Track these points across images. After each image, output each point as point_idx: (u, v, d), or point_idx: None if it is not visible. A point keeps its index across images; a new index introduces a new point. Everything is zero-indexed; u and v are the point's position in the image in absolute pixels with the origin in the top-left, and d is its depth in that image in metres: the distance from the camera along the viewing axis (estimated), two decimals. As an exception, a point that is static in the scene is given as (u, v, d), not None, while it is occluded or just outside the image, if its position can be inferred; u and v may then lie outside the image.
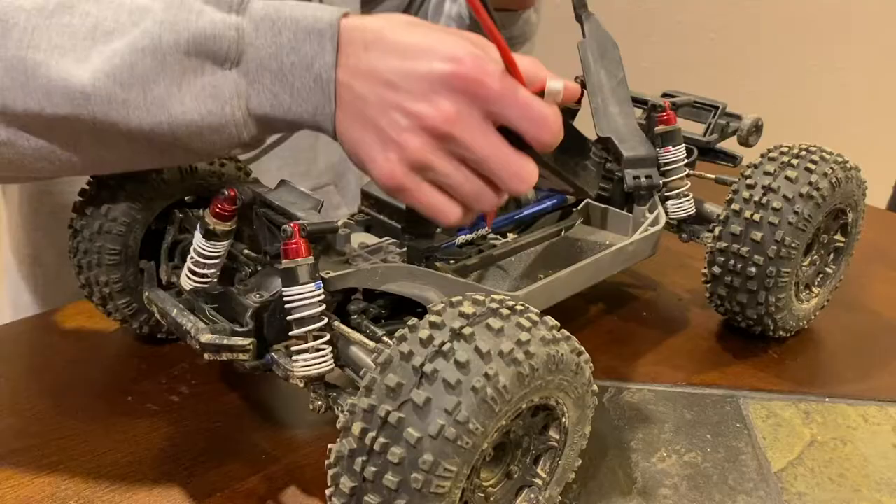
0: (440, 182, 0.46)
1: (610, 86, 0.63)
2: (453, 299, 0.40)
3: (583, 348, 0.42)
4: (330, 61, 0.46)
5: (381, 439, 0.36)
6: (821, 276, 0.67)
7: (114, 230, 0.54)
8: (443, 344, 0.37)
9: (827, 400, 0.61)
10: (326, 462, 0.38)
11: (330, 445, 0.38)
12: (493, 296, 0.41)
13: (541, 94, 0.45)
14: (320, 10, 0.47)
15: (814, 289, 0.67)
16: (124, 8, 0.46)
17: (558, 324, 0.41)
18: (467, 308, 0.39)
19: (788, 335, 0.66)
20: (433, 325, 0.38)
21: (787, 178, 0.59)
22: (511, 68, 0.44)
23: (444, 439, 0.35)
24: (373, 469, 0.36)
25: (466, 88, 0.44)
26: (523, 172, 0.46)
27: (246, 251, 0.50)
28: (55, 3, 0.45)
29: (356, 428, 0.37)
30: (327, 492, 0.38)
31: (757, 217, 0.59)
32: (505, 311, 0.39)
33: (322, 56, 0.46)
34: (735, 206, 0.60)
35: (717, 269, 0.62)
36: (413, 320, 0.39)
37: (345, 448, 0.37)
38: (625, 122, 0.64)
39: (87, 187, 0.56)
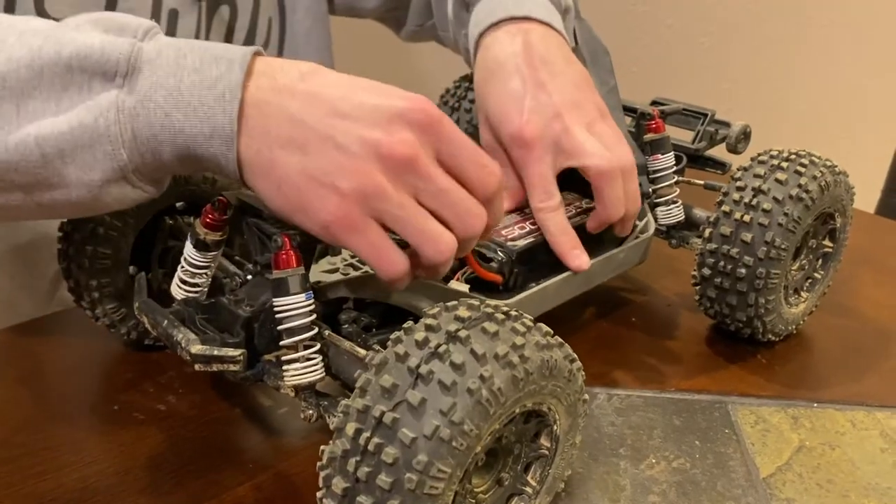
0: (392, 215, 0.42)
1: (601, 93, 0.63)
2: (448, 304, 0.40)
3: (576, 356, 0.42)
4: (237, 80, 0.41)
5: (376, 439, 0.36)
6: (809, 280, 0.67)
7: (106, 234, 0.54)
8: (438, 346, 0.37)
9: (815, 405, 0.61)
10: (318, 464, 0.38)
11: (322, 447, 0.38)
12: (487, 301, 0.41)
13: None
14: (235, 46, 0.44)
15: (802, 293, 0.67)
16: (15, 29, 0.42)
17: (552, 331, 0.41)
18: (463, 312, 0.39)
19: (777, 339, 0.66)
20: (429, 328, 0.38)
21: (776, 180, 0.60)
22: None
23: (439, 440, 0.35)
24: (366, 469, 0.36)
25: (423, 124, 0.42)
26: (476, 210, 0.44)
27: (237, 258, 0.50)
28: None
29: (350, 428, 0.37)
30: (318, 494, 0.38)
31: (747, 218, 0.59)
32: (500, 316, 0.39)
33: (228, 76, 0.42)
34: (725, 208, 0.61)
35: (706, 271, 0.62)
36: (409, 323, 0.39)
37: (338, 449, 0.37)
38: None
39: None
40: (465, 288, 0.52)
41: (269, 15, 0.74)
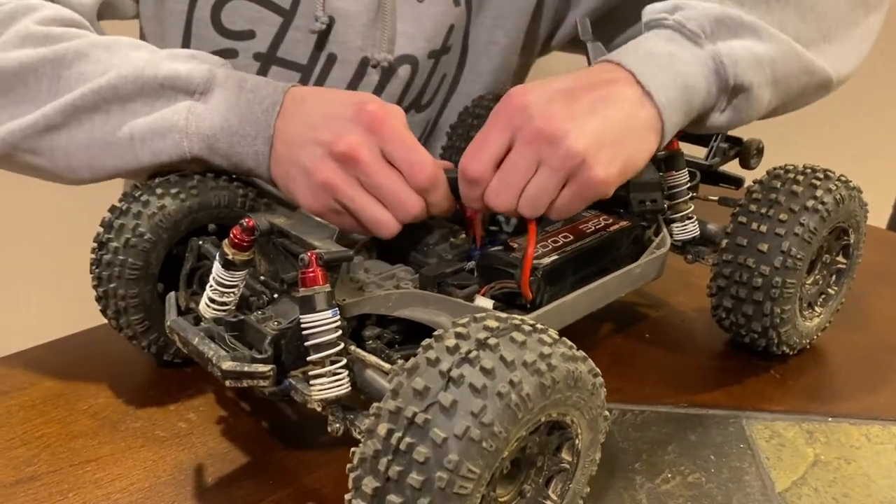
0: (346, 205, 0.54)
1: None
2: (477, 315, 0.41)
3: (599, 371, 0.43)
4: (279, 98, 0.57)
5: (408, 439, 0.37)
6: (823, 296, 0.68)
7: (139, 245, 0.56)
8: (469, 352, 0.38)
9: (830, 419, 0.61)
10: (348, 466, 0.39)
11: (353, 449, 0.39)
12: (513, 313, 0.42)
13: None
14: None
15: (816, 308, 0.68)
16: (128, 56, 0.58)
17: (574, 345, 0.42)
18: (491, 323, 0.40)
19: (791, 352, 0.67)
20: (459, 336, 0.39)
21: (792, 192, 0.61)
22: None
23: (470, 440, 0.36)
24: (397, 468, 0.37)
25: (368, 124, 0.53)
26: (408, 203, 0.54)
27: (263, 278, 0.51)
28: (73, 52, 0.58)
29: (382, 429, 0.37)
30: (347, 496, 0.39)
31: (763, 228, 0.60)
32: (527, 328, 0.41)
33: (273, 96, 0.57)
34: (741, 219, 0.61)
35: (722, 281, 0.63)
36: (440, 331, 0.40)
37: (369, 449, 0.38)
38: None
39: (117, 204, 0.57)
40: (489, 304, 0.53)
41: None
